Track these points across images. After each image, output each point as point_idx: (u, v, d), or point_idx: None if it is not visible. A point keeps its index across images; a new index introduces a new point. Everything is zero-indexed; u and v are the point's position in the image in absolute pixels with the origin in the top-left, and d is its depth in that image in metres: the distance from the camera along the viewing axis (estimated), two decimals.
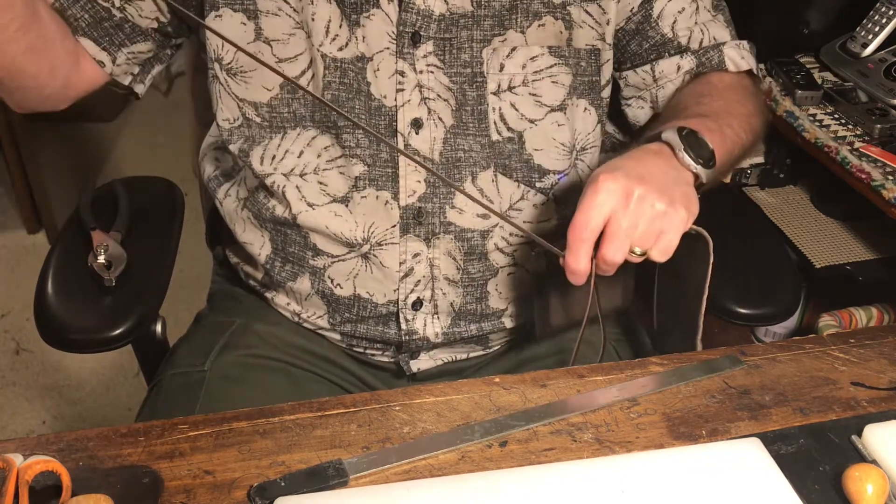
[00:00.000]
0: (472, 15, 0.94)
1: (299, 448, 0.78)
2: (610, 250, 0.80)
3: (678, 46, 1.04)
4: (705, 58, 1.05)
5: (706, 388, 0.87)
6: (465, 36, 0.95)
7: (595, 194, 0.80)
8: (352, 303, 1.03)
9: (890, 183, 1.24)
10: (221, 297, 1.16)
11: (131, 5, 0.99)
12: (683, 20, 1.04)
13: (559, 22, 0.97)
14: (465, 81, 0.96)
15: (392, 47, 0.94)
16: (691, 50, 1.04)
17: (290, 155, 0.98)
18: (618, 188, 0.80)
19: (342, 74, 0.95)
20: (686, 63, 1.05)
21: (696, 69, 1.05)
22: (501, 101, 0.97)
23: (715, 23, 1.06)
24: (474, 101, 0.96)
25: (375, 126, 0.96)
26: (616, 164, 0.83)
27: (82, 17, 0.97)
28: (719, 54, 1.05)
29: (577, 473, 0.75)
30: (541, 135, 0.99)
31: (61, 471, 0.71)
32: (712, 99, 0.99)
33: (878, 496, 0.72)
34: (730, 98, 1.00)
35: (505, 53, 0.96)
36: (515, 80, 0.97)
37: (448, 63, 0.95)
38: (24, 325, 2.25)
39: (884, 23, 1.43)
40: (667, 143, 0.87)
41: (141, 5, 0.99)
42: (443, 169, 0.97)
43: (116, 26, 0.99)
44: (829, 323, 1.49)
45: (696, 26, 1.04)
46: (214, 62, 0.98)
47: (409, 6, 0.93)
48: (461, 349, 1.08)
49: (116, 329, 1.00)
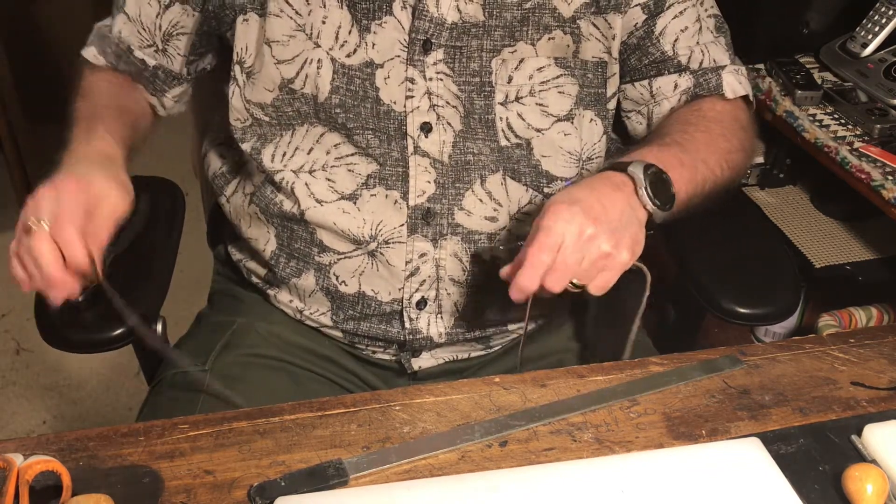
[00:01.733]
0: (483, 25, 0.95)
1: (299, 448, 0.78)
2: (553, 280, 0.83)
3: (678, 65, 1.04)
4: (703, 79, 1.05)
5: (706, 387, 0.87)
6: (475, 45, 0.95)
7: (554, 221, 0.83)
8: (356, 300, 1.03)
9: (890, 183, 1.24)
10: (222, 297, 1.16)
11: (170, 45, 1.05)
12: (685, 39, 1.04)
13: (568, 36, 0.97)
14: (474, 90, 0.96)
15: (403, 55, 0.95)
16: (690, 70, 1.05)
17: (299, 152, 0.99)
18: (574, 223, 0.83)
19: (349, 81, 0.95)
20: (683, 82, 1.05)
21: (693, 90, 1.05)
22: (509, 111, 0.98)
23: (716, 45, 1.06)
24: (482, 110, 0.97)
25: (384, 129, 0.96)
26: (576, 196, 0.86)
27: (127, 71, 1.07)
28: (717, 77, 1.05)
29: (577, 473, 0.75)
30: (548, 143, 0.99)
31: (61, 471, 0.71)
32: (696, 129, 1.00)
33: (878, 496, 0.72)
34: (714, 131, 1.01)
35: (514, 65, 0.97)
36: (523, 90, 0.97)
37: (457, 71, 0.96)
38: (24, 325, 2.25)
39: (884, 23, 1.43)
40: (631, 178, 0.89)
41: (178, 45, 1.05)
42: (452, 171, 0.98)
43: (152, 75, 1.08)
44: (829, 323, 1.49)
45: (697, 46, 1.05)
46: (236, 65, 1.00)
47: (423, 14, 0.93)
48: (463, 349, 1.08)
49: (116, 329, 1.00)
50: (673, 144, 0.97)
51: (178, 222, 1.19)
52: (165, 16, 1.03)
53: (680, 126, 1.01)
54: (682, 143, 0.97)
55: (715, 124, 1.02)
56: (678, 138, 0.98)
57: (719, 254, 1.14)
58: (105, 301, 1.01)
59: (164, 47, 1.05)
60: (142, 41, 1.05)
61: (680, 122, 1.03)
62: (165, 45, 1.05)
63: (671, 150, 0.95)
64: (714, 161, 0.98)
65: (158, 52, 1.05)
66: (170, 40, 1.04)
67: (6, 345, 2.22)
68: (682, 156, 0.95)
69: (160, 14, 1.03)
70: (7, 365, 2.17)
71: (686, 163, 0.95)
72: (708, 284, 1.08)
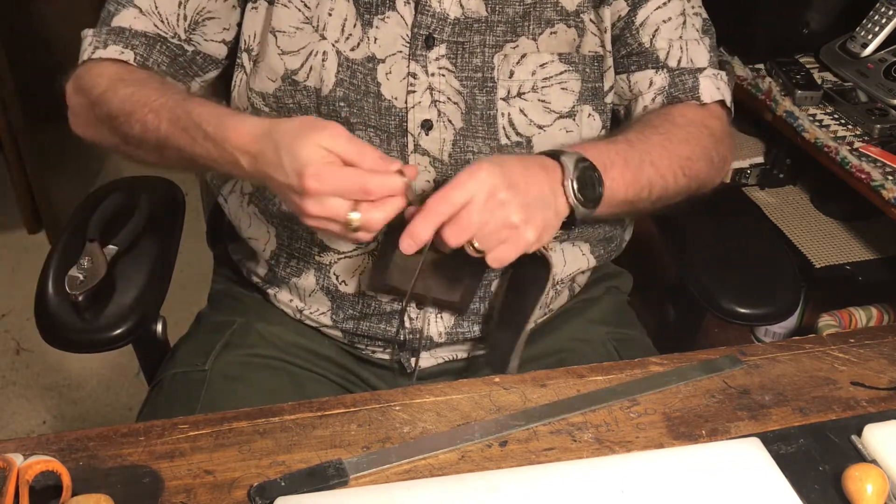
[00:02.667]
0: (485, 20, 0.95)
1: (299, 448, 0.78)
2: (451, 232, 0.81)
3: (655, 60, 1.03)
4: (679, 79, 1.03)
5: (706, 387, 0.87)
6: (477, 41, 0.95)
7: (469, 178, 0.81)
8: (356, 300, 1.03)
9: (890, 183, 1.24)
10: (222, 297, 1.16)
11: (196, 34, 1.01)
12: (666, 31, 1.03)
13: (572, 30, 0.97)
14: (476, 86, 0.96)
15: (405, 50, 0.94)
16: (668, 67, 1.03)
17: None
18: (489, 182, 0.81)
19: (352, 74, 0.95)
20: (659, 80, 1.04)
21: (669, 90, 1.04)
22: (511, 107, 0.97)
23: (699, 45, 1.05)
24: (483, 106, 0.97)
25: (385, 126, 0.96)
26: (502, 161, 0.85)
27: (163, 60, 1.01)
28: (694, 80, 1.03)
29: (577, 473, 0.75)
30: (549, 141, 0.99)
31: (61, 471, 0.71)
32: (655, 132, 0.98)
33: (878, 496, 0.72)
34: (676, 136, 0.99)
35: (515, 60, 0.96)
36: (525, 86, 0.97)
37: (459, 67, 0.95)
38: (24, 325, 2.25)
39: (884, 23, 1.43)
40: (561, 166, 0.88)
41: (205, 31, 1.01)
42: (452, 171, 0.98)
43: (190, 60, 1.03)
44: (829, 323, 1.49)
45: (677, 42, 1.03)
46: (244, 52, 0.99)
47: (426, 9, 0.93)
48: (463, 348, 1.08)
49: (116, 329, 1.00)
50: (622, 142, 0.95)
51: (178, 222, 1.19)
52: (190, 3, 0.99)
53: (639, 126, 1.00)
54: (632, 142, 0.96)
55: (679, 129, 1.00)
56: (631, 136, 0.97)
57: (719, 254, 1.14)
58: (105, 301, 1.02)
59: (188, 37, 1.01)
60: (160, 32, 1.00)
61: (641, 122, 1.01)
62: (190, 35, 1.01)
63: (617, 147, 0.94)
64: (667, 166, 0.96)
65: (182, 41, 1.01)
66: (196, 28, 1.01)
67: (6, 345, 2.22)
68: (628, 154, 0.93)
69: (182, 3, 0.99)
70: (7, 365, 2.17)
71: (631, 163, 0.93)
72: (708, 284, 1.08)
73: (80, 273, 1.02)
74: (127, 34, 0.99)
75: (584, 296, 1.15)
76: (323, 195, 0.78)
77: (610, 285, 1.18)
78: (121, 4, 1.00)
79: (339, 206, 0.79)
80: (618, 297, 1.18)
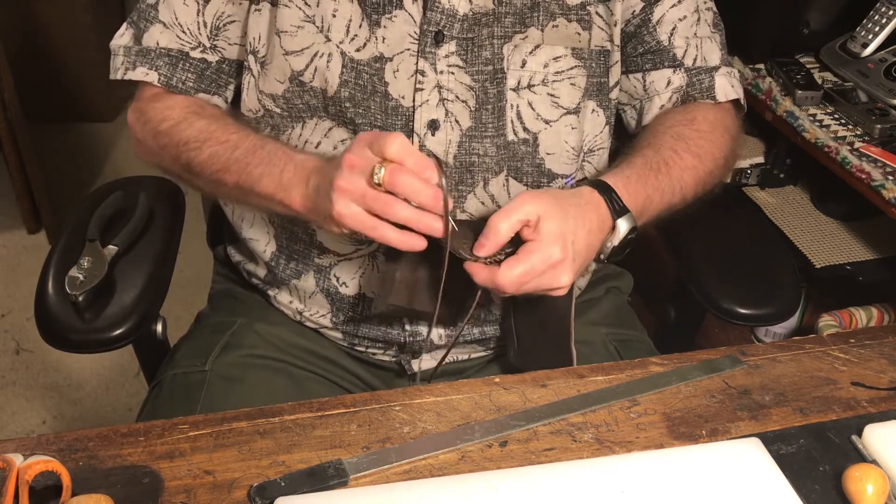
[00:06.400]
0: (493, 13, 0.95)
1: (299, 448, 0.78)
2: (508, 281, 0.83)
3: (672, 58, 1.04)
4: (696, 79, 1.05)
5: (706, 388, 0.87)
6: (486, 33, 0.95)
7: (551, 244, 0.83)
8: (356, 302, 1.03)
9: (890, 183, 1.24)
10: (222, 297, 1.16)
11: (220, 39, 1.01)
12: (683, 29, 1.04)
13: (573, 24, 0.97)
14: (487, 79, 0.96)
15: (413, 48, 0.94)
16: (685, 66, 1.05)
17: (308, 146, 0.99)
18: (555, 254, 0.83)
19: (357, 75, 0.95)
20: (677, 79, 1.05)
21: (686, 89, 1.05)
22: (520, 99, 0.97)
23: (712, 42, 1.06)
24: (494, 98, 0.97)
25: (391, 127, 0.96)
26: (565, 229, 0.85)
27: (188, 77, 1.01)
28: (710, 79, 1.05)
29: (577, 473, 0.75)
30: (554, 137, 0.99)
31: (61, 471, 0.71)
32: (687, 149, 1.00)
33: (878, 496, 0.72)
34: (704, 150, 1.01)
35: (528, 50, 0.96)
36: (536, 77, 0.97)
37: (469, 62, 0.95)
38: (24, 325, 2.25)
39: (884, 23, 1.42)
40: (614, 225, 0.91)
41: (228, 35, 1.01)
42: (456, 173, 0.98)
43: (217, 71, 1.03)
44: (829, 323, 1.49)
45: (693, 40, 1.04)
46: (250, 54, 0.99)
47: (435, 6, 0.93)
48: (463, 350, 1.08)
49: (116, 329, 1.00)
50: (661, 168, 0.97)
51: (178, 222, 1.19)
52: (208, 9, 0.99)
53: (672, 141, 1.01)
54: (669, 166, 0.98)
55: (707, 141, 1.02)
56: (667, 157, 0.99)
57: (719, 254, 1.14)
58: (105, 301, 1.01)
59: (212, 44, 1.01)
60: (183, 45, 1.00)
61: (674, 135, 1.02)
62: (214, 41, 1.01)
63: (659, 184, 0.96)
64: (691, 186, 1.00)
65: (207, 50, 1.01)
66: (219, 34, 1.01)
67: (6, 345, 2.22)
68: (664, 183, 0.97)
69: (200, 11, 0.99)
70: (7, 365, 2.17)
71: (665, 197, 0.97)
72: (708, 285, 1.08)
73: (80, 273, 1.02)
74: (152, 55, 1.00)
75: (585, 296, 1.15)
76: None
77: (610, 286, 1.18)
78: (148, 21, 1.01)
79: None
80: (618, 298, 1.18)
